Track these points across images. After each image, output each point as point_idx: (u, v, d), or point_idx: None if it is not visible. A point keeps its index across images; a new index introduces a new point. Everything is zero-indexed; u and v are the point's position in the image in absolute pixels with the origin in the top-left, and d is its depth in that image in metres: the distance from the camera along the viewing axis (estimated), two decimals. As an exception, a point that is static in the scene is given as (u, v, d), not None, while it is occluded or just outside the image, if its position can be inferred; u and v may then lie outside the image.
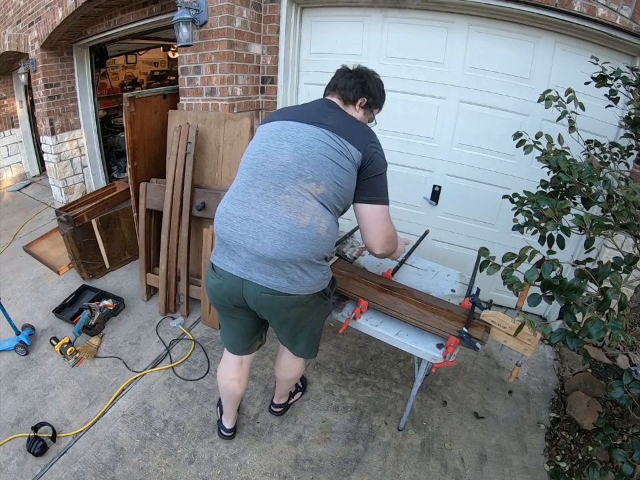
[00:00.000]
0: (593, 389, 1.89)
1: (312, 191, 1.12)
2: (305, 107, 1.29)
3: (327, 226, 1.15)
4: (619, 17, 1.77)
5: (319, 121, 1.17)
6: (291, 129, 1.18)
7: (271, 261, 1.12)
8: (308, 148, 1.13)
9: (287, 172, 1.13)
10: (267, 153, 1.17)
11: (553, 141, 1.37)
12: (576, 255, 2.23)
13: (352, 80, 1.29)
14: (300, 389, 1.93)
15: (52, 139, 3.95)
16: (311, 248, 1.12)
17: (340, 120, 1.21)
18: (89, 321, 2.29)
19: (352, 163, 1.15)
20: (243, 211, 1.15)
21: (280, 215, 1.11)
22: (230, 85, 2.36)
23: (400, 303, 1.50)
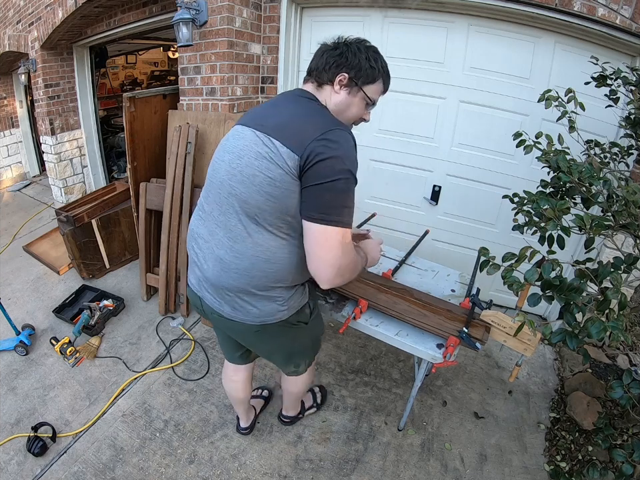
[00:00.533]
0: (593, 389, 1.89)
1: (245, 212, 0.97)
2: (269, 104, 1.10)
3: (266, 255, 0.98)
4: (618, 17, 1.77)
5: (261, 122, 0.98)
6: (236, 135, 1.03)
7: (212, 285, 1.07)
8: (239, 160, 0.97)
9: (222, 190, 1.00)
10: (214, 167, 1.06)
11: (552, 141, 1.37)
12: (576, 255, 2.23)
13: (324, 55, 1.03)
14: (315, 405, 1.81)
15: (52, 139, 3.95)
16: (245, 279, 1.00)
17: (286, 114, 0.99)
18: (88, 321, 2.29)
19: (284, 171, 0.90)
20: (198, 228, 1.10)
21: (219, 238, 1.02)
22: (230, 85, 2.36)
23: (400, 302, 1.50)
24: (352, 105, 1.05)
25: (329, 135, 0.90)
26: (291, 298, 1.09)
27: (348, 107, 1.05)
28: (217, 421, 1.81)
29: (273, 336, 1.17)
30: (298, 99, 1.05)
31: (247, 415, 1.71)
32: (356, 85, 1.03)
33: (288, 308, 1.09)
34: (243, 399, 1.59)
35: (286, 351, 1.28)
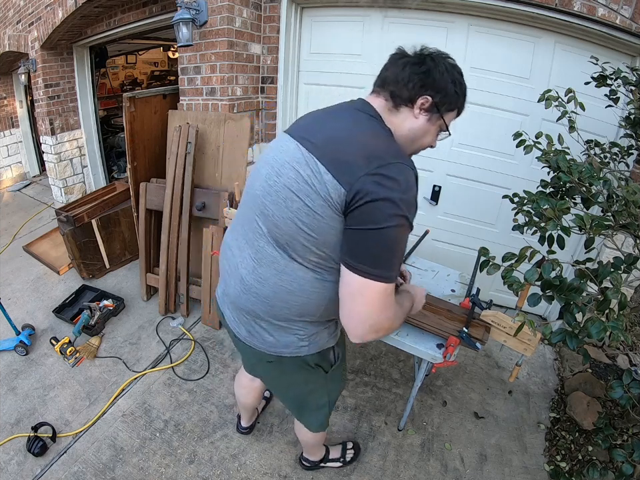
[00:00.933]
0: (593, 389, 1.89)
1: (273, 235, 0.85)
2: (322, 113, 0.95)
3: (291, 286, 0.86)
4: (618, 17, 1.77)
5: (308, 135, 0.84)
6: (279, 146, 0.89)
7: (232, 303, 0.99)
8: (276, 177, 0.84)
9: (254, 205, 0.90)
10: (253, 177, 0.95)
11: (552, 141, 1.37)
12: (576, 255, 2.23)
13: (407, 69, 0.85)
14: (341, 460, 1.60)
15: (52, 139, 3.95)
16: (263, 306, 0.91)
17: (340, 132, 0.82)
18: (89, 321, 2.29)
19: (327, 204, 0.77)
20: (230, 240, 1.01)
21: (245, 255, 0.93)
22: (230, 85, 2.36)
23: None
24: (427, 134, 0.91)
25: (386, 169, 0.74)
26: (316, 334, 0.96)
27: (423, 135, 0.91)
28: (217, 420, 1.81)
29: (286, 373, 1.06)
30: (357, 114, 0.87)
31: (250, 418, 1.72)
32: (438, 111, 0.87)
33: (310, 344, 0.96)
34: (252, 406, 1.60)
35: (298, 397, 1.18)
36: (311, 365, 1.02)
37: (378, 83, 0.92)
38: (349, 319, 0.81)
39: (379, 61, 2.56)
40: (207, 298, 2.39)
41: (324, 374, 1.07)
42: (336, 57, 2.48)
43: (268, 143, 2.76)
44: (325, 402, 1.21)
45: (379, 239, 0.75)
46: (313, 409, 1.22)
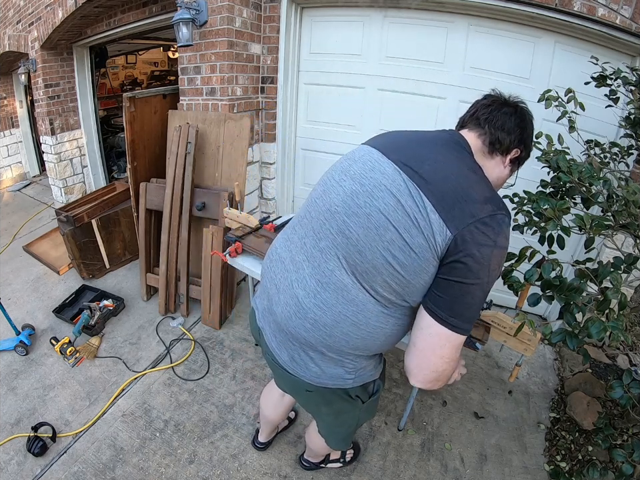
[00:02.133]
0: (593, 389, 1.89)
1: (352, 261, 0.78)
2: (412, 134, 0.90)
3: (357, 318, 0.80)
4: (618, 17, 1.77)
5: (408, 162, 0.77)
6: (368, 161, 0.81)
7: (277, 324, 0.90)
8: (368, 198, 0.76)
9: (329, 221, 0.81)
10: (325, 187, 0.86)
11: (552, 141, 1.37)
12: (576, 255, 2.23)
13: (513, 119, 0.86)
14: (341, 461, 1.60)
15: (52, 139, 3.95)
16: (320, 335, 0.83)
17: (445, 169, 0.76)
18: (89, 321, 2.29)
19: (428, 244, 0.71)
20: (283, 251, 0.91)
21: (304, 274, 0.84)
22: (230, 85, 2.36)
23: None
24: (503, 180, 0.92)
25: (494, 220, 0.71)
26: (363, 368, 0.91)
27: (501, 183, 0.92)
28: (217, 420, 1.81)
29: (324, 402, 1.00)
30: (459, 151, 0.82)
31: (269, 434, 1.65)
32: (519, 163, 0.90)
33: (355, 377, 0.91)
34: (276, 422, 1.54)
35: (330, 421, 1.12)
36: (352, 396, 0.98)
37: (476, 124, 0.88)
38: (418, 365, 0.78)
39: (379, 60, 2.56)
40: (206, 298, 2.39)
41: (361, 404, 1.02)
42: (336, 57, 2.48)
43: (268, 143, 2.76)
44: (354, 426, 1.17)
45: (476, 294, 0.72)
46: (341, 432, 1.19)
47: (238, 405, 1.89)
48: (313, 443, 1.38)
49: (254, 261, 1.77)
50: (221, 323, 2.43)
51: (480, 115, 0.88)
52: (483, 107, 0.89)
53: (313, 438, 1.34)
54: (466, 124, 0.91)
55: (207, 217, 2.40)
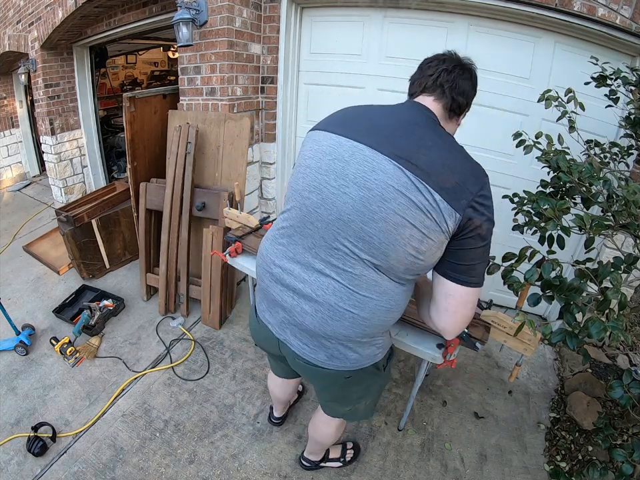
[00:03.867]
0: (593, 389, 1.89)
1: (374, 261, 0.83)
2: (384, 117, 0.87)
3: (389, 304, 0.89)
4: (618, 17, 1.77)
5: (404, 155, 0.78)
6: (364, 162, 0.80)
7: (308, 331, 0.93)
8: (381, 203, 0.78)
9: (344, 229, 0.83)
10: (324, 195, 0.84)
11: (552, 141, 1.37)
12: (576, 255, 2.23)
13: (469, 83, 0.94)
14: (341, 460, 1.62)
15: (52, 139, 3.95)
16: (361, 329, 0.89)
17: (437, 155, 0.80)
18: (89, 321, 2.29)
19: (441, 230, 0.78)
20: (285, 262, 0.93)
21: (328, 281, 0.87)
22: (230, 85, 2.36)
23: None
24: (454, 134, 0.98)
25: (485, 190, 0.81)
26: (384, 341, 1.03)
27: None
28: (217, 420, 1.81)
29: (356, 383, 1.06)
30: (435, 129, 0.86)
31: (283, 410, 1.75)
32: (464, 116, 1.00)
33: (382, 351, 1.03)
34: (287, 399, 1.63)
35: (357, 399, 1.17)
36: (380, 367, 1.06)
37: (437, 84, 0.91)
38: (455, 325, 0.89)
39: (379, 60, 2.56)
40: (206, 298, 2.39)
41: (380, 373, 1.10)
42: (336, 57, 2.48)
43: (268, 143, 2.76)
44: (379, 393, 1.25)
45: (482, 252, 0.83)
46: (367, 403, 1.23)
47: (238, 405, 1.89)
48: (320, 433, 1.39)
49: (254, 261, 1.77)
50: (221, 323, 2.43)
51: (443, 82, 0.90)
52: (446, 73, 0.91)
53: (320, 427, 1.37)
54: (427, 89, 0.92)
55: (207, 217, 2.40)
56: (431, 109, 0.90)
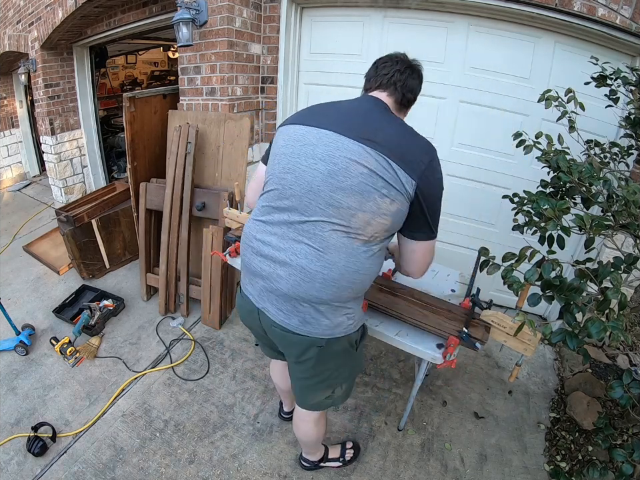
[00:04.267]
0: (593, 389, 1.89)
1: (345, 224, 0.94)
2: (345, 109, 1.03)
3: (356, 266, 0.97)
4: (618, 17, 1.77)
5: (365, 136, 0.93)
6: (329, 142, 0.95)
7: (283, 296, 1.00)
8: (345, 173, 0.92)
9: (316, 199, 0.94)
10: (296, 173, 0.97)
11: (552, 141, 1.37)
12: (576, 255, 2.23)
13: (417, 82, 1.10)
14: (341, 460, 1.61)
15: (52, 139, 3.95)
16: (331, 290, 0.97)
17: (392, 133, 0.96)
18: (89, 321, 2.29)
19: (403, 196, 0.93)
20: (265, 235, 1.03)
21: (300, 247, 0.96)
22: (230, 85, 2.36)
23: (400, 302, 1.50)
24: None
25: (434, 157, 0.98)
26: (357, 312, 1.09)
27: None
28: (217, 420, 1.81)
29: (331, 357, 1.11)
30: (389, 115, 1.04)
31: (292, 401, 1.73)
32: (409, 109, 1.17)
33: (354, 321, 1.08)
34: (289, 389, 1.60)
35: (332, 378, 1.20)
36: (353, 344, 1.13)
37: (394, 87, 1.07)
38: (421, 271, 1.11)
39: (379, 60, 2.48)
40: (206, 298, 2.39)
41: (353, 352, 1.16)
42: (336, 57, 2.48)
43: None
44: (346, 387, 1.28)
45: (438, 209, 1.02)
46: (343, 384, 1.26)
47: (238, 405, 1.89)
48: (301, 431, 1.40)
49: (254, 260, 1.77)
50: (221, 323, 2.43)
51: (396, 80, 1.07)
52: (399, 73, 1.08)
53: (300, 425, 1.39)
54: (382, 86, 1.08)
55: (207, 217, 2.40)
56: (384, 102, 1.06)
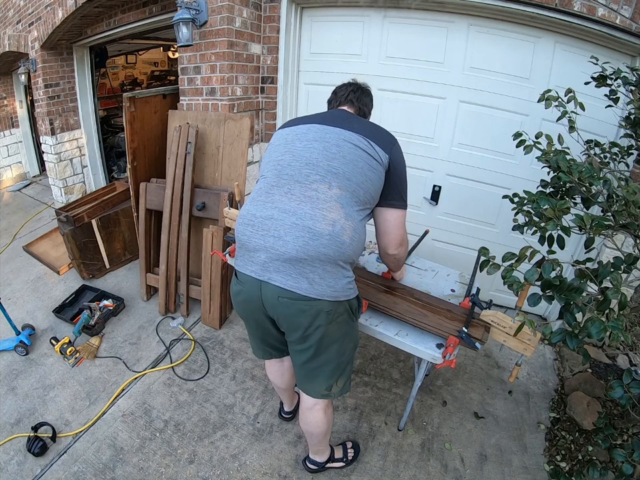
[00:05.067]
0: (593, 389, 1.89)
1: (341, 185, 1.10)
2: (323, 115, 1.28)
3: (355, 225, 1.12)
4: (618, 17, 1.77)
5: (345, 126, 1.18)
6: (318, 130, 1.18)
7: (290, 259, 1.05)
8: (337, 147, 1.13)
9: (315, 169, 1.11)
10: (294, 153, 1.16)
11: (552, 141, 1.37)
12: (576, 254, 2.23)
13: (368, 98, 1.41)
14: (344, 460, 1.63)
15: (52, 139, 3.95)
16: (336, 245, 1.06)
17: (364, 124, 1.23)
18: (89, 321, 2.29)
19: (380, 165, 1.15)
20: (265, 211, 1.11)
21: (304, 211, 1.07)
22: (230, 85, 2.36)
23: (400, 302, 1.50)
24: None
25: (396, 143, 1.22)
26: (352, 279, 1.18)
27: None
28: (217, 420, 1.81)
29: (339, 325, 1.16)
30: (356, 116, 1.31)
31: (291, 400, 1.76)
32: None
33: (352, 287, 1.17)
34: (289, 386, 1.63)
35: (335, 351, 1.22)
36: (353, 310, 1.21)
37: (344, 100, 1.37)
38: (396, 244, 1.28)
39: (379, 60, 2.56)
40: (206, 298, 2.39)
41: (354, 324, 1.25)
42: (336, 57, 2.48)
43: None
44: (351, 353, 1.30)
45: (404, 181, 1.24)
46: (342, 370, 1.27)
47: (238, 405, 1.89)
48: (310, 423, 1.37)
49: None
50: (221, 323, 2.43)
51: (352, 98, 1.36)
52: (352, 92, 1.37)
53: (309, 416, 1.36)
54: (343, 103, 1.37)
55: (207, 217, 2.40)
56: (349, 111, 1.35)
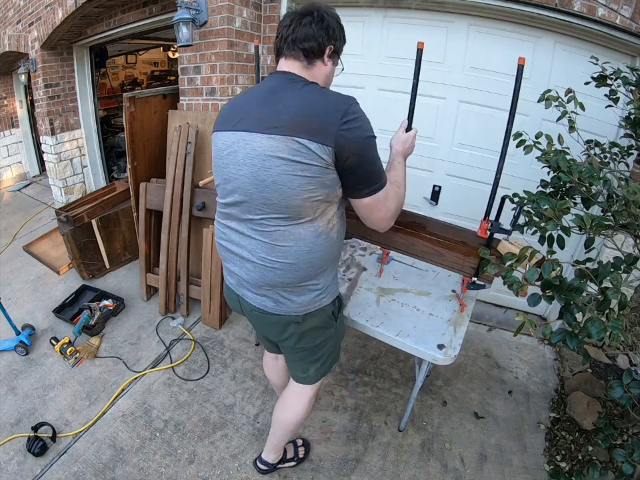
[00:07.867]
0: (593, 389, 1.89)
1: (284, 215, 0.98)
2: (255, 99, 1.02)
3: (307, 247, 1.02)
4: (618, 16, 1.77)
5: (272, 124, 0.93)
6: (245, 145, 0.97)
7: (254, 285, 1.10)
8: (266, 171, 0.94)
9: (252, 202, 0.99)
10: (232, 182, 1.02)
11: (552, 141, 1.37)
12: (576, 254, 2.23)
13: (313, 26, 0.99)
14: (295, 459, 1.63)
15: (52, 139, 3.95)
16: (292, 274, 1.04)
17: (298, 107, 0.93)
18: (89, 321, 2.29)
19: (321, 166, 0.92)
20: (226, 242, 1.13)
21: (256, 242, 1.04)
22: (230, 85, 2.35)
23: (417, 243, 1.54)
24: (332, 74, 1.12)
25: (347, 115, 0.91)
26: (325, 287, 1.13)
27: (331, 76, 1.12)
28: (217, 420, 1.81)
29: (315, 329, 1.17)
30: (295, 85, 0.98)
31: None
32: (337, 55, 1.08)
33: (325, 296, 1.13)
34: (279, 385, 1.63)
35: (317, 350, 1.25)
36: (330, 315, 1.17)
37: (287, 47, 1.01)
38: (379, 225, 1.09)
39: (379, 60, 2.55)
40: (206, 298, 2.39)
41: (333, 324, 1.21)
42: (336, 57, 2.48)
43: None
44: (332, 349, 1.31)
45: (367, 161, 0.96)
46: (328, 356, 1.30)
47: (238, 405, 1.89)
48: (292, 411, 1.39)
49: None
50: (221, 323, 2.43)
51: (286, 36, 1.01)
52: (285, 28, 1.01)
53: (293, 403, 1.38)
54: (281, 50, 1.04)
55: (207, 217, 2.39)
56: (288, 71, 1.02)
